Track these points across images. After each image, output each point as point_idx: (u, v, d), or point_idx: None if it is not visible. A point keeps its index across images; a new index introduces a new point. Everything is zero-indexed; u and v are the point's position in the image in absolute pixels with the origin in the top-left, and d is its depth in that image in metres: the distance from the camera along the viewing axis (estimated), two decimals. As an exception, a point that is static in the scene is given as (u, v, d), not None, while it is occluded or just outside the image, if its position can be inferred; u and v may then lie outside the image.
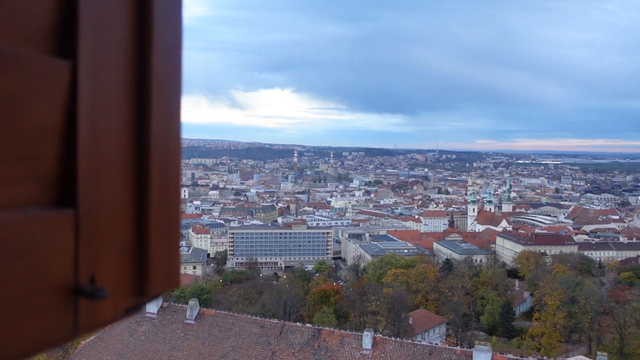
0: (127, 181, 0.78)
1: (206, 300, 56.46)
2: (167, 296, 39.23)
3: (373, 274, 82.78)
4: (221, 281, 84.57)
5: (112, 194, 0.76)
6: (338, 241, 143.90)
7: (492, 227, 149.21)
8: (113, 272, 0.77)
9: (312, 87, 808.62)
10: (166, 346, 29.01)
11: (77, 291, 0.71)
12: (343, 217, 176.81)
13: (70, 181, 0.71)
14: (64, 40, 0.70)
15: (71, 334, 0.72)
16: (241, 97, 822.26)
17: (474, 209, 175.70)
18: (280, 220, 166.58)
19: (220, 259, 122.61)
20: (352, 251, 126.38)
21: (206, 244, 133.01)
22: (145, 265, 0.81)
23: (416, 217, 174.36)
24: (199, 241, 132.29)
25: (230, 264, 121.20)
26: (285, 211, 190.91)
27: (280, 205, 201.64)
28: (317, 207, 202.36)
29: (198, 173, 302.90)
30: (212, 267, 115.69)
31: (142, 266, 0.81)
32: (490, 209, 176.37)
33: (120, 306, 0.79)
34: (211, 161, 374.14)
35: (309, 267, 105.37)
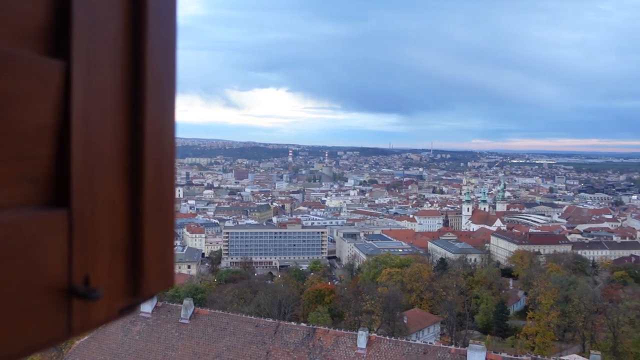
0: (121, 181, 0.78)
1: (201, 300, 56.38)
2: (162, 296, 39.13)
3: (368, 273, 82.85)
4: (216, 280, 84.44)
5: (106, 194, 0.75)
6: (333, 240, 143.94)
7: (487, 227, 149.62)
8: (107, 272, 0.76)
9: (307, 87, 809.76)
10: (161, 346, 28.93)
11: (71, 292, 0.70)
12: (338, 217, 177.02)
13: (63, 181, 0.70)
14: (57, 40, 0.69)
15: (65, 334, 0.71)
16: (236, 96, 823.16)
17: (468, 209, 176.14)
18: (275, 219, 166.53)
19: (214, 259, 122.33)
20: (346, 250, 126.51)
21: (201, 243, 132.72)
22: (139, 265, 0.80)
23: (411, 216, 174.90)
24: (193, 240, 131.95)
25: (225, 264, 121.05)
26: (280, 211, 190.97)
27: (275, 204, 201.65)
28: (312, 206, 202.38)
29: (193, 172, 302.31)
30: (207, 266, 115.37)
31: (136, 266, 0.80)
32: (484, 208, 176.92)
33: (114, 306, 0.78)
34: (206, 160, 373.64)
35: (304, 267, 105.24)
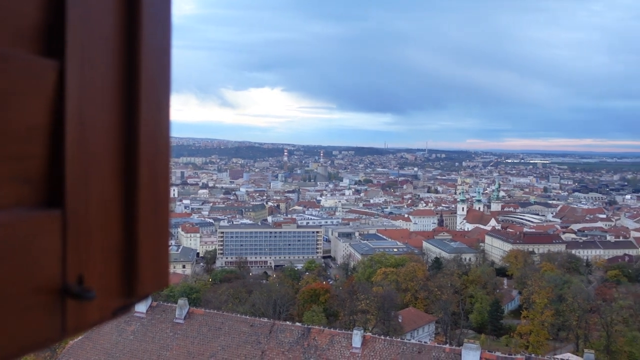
0: (116, 180, 0.78)
1: (195, 300, 56.34)
2: (156, 295, 39.02)
3: (363, 272, 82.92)
4: (210, 280, 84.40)
5: (100, 194, 0.75)
6: (328, 240, 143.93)
7: (481, 226, 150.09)
8: (101, 272, 0.76)
9: (302, 86, 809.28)
10: (155, 346, 28.87)
11: (65, 292, 0.70)
12: (333, 216, 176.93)
13: (57, 181, 0.70)
14: (51, 40, 0.69)
15: (59, 335, 0.70)
16: (231, 95, 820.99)
17: (463, 208, 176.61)
18: (270, 219, 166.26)
19: (209, 258, 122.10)
20: (341, 250, 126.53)
21: (195, 243, 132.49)
22: (134, 265, 0.80)
23: (406, 216, 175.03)
24: (188, 240, 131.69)
25: (220, 263, 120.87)
26: (275, 210, 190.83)
27: (270, 204, 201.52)
28: (307, 206, 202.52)
29: (187, 172, 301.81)
30: (202, 266, 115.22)
31: (130, 266, 0.80)
32: (479, 208, 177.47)
33: (108, 307, 0.78)
34: (201, 160, 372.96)
35: (299, 266, 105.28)
